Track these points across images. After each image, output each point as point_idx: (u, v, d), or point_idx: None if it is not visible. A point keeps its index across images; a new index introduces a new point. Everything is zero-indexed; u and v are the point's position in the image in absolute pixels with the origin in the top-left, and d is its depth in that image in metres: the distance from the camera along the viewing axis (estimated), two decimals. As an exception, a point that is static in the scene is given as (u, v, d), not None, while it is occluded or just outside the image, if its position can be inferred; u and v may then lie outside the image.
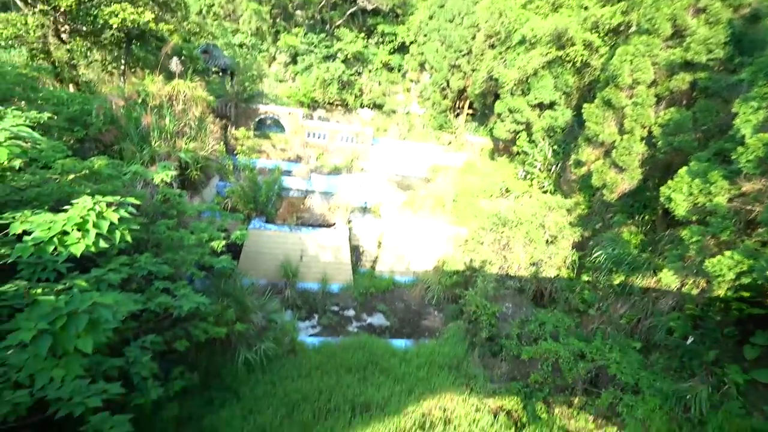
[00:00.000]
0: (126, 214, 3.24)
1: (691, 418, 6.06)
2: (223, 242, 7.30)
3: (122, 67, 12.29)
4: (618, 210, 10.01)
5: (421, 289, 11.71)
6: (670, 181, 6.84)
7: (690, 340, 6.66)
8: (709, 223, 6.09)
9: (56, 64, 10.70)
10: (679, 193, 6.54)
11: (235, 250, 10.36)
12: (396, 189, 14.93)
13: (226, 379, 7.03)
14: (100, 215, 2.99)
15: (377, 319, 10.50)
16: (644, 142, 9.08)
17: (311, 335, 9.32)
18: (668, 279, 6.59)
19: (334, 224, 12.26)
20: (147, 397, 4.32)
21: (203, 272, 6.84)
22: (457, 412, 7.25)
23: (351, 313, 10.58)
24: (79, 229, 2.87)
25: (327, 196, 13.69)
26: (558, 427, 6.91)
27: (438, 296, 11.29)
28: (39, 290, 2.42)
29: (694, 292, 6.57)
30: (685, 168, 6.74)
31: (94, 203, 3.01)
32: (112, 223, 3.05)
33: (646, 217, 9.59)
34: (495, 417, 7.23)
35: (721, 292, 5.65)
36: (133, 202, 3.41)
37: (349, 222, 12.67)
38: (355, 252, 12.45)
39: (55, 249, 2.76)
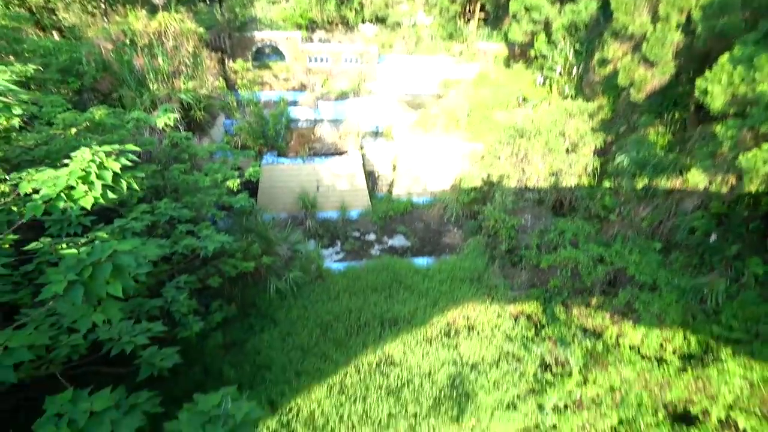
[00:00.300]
0: (128, 162, 3.24)
1: (706, 310, 6.25)
2: (238, 181, 7.39)
3: (103, 6, 11.49)
4: (645, 110, 9.32)
5: (439, 209, 11.79)
6: (707, 72, 6.19)
7: (713, 237, 6.59)
8: (749, 114, 5.61)
9: (33, 10, 10.08)
10: (717, 84, 5.95)
11: (251, 187, 10.51)
12: (406, 109, 14.29)
13: (261, 308, 7.62)
14: (101, 166, 3.00)
15: (398, 241, 10.81)
16: (680, 30, 8.06)
17: (336, 261, 9.76)
18: (696, 178, 6.32)
19: (347, 152, 12.08)
20: (190, 331, 4.76)
21: (224, 212, 7.05)
22: (479, 320, 7.73)
23: (372, 237, 10.90)
24: (84, 182, 2.91)
25: (336, 123, 13.31)
26: (576, 325, 7.30)
27: (456, 214, 11.38)
28: (64, 245, 2.55)
29: (723, 190, 6.32)
30: (726, 55, 6.03)
31: (93, 154, 3.00)
32: (115, 173, 3.07)
33: (676, 116, 8.92)
34: (516, 321, 7.68)
35: (752, 187, 5.40)
36: (133, 149, 3.38)
37: (362, 148, 12.44)
38: (371, 177, 12.42)
39: (65, 204, 2.84)
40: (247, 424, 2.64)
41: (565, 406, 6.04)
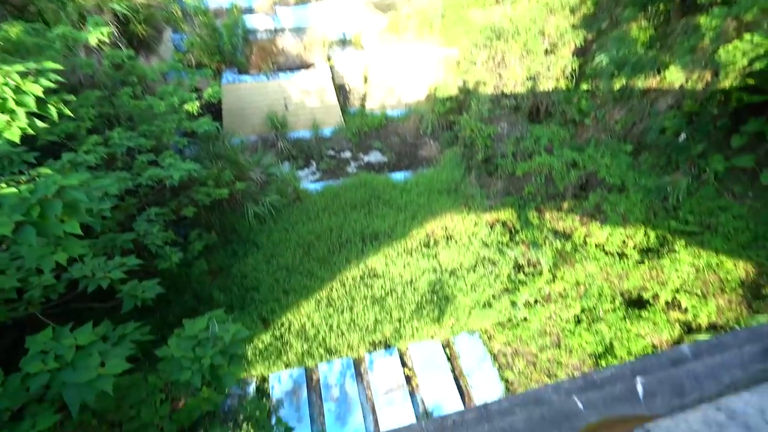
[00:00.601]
0: (50, 84, 2.84)
1: (667, 207, 6.63)
2: (197, 104, 6.84)
3: None
4: (629, 2, 8.69)
5: (415, 121, 11.43)
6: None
7: (682, 137, 6.71)
8: (735, 2, 5.30)
9: None
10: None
11: (214, 110, 9.81)
12: (375, 11, 12.94)
13: (242, 233, 7.64)
14: (18, 90, 2.63)
15: (374, 157, 10.63)
16: None
17: (312, 182, 9.63)
18: (673, 76, 6.18)
19: (313, 64, 11.16)
20: (170, 262, 4.76)
21: (187, 139, 6.64)
22: (457, 229, 8.03)
23: (347, 154, 10.66)
24: (2, 112, 2.57)
25: (299, 32, 12.04)
26: (548, 229, 7.69)
27: (432, 125, 11.09)
28: (3, 184, 2.34)
29: (699, 87, 6.24)
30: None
31: (4, 76, 2.60)
32: (38, 98, 2.71)
33: (661, 8, 8.38)
34: (492, 228, 8.01)
35: (727, 83, 5.35)
36: (54, 67, 2.95)
37: (329, 59, 11.49)
38: (342, 91, 11.71)
39: None
40: (236, 343, 2.77)
41: (535, 301, 6.63)
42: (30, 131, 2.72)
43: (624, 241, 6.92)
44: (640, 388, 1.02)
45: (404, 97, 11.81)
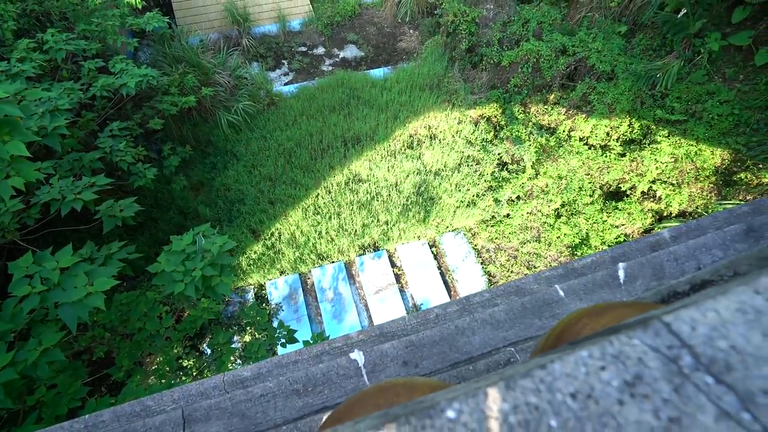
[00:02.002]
0: None
1: (654, 95, 6.43)
2: (139, -6, 5.90)
3: None
4: None
5: (392, 6, 10.25)
6: None
7: (682, 12, 6.17)
8: None
9: None
10: None
11: (162, 3, 8.56)
12: None
13: (219, 144, 7.29)
14: None
15: (350, 52, 9.75)
16: None
17: (285, 84, 8.94)
18: (681, -65, 5.42)
19: (271, -64, 9.47)
20: (145, 179, 4.57)
21: (137, 40, 5.84)
22: (441, 128, 7.80)
23: (321, 50, 9.73)
24: None
25: None
26: (533, 123, 7.52)
27: (411, 11, 9.99)
28: None
29: (707, -52, 5.54)
30: None
31: None
32: None
33: None
34: (476, 125, 7.81)
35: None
36: None
37: (289, -71, 9.73)
38: (308, -27, 10.19)
39: None
40: (224, 254, 2.80)
41: (518, 197, 6.79)
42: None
43: (608, 134, 6.86)
44: (621, 273, 1.05)
45: (380, -22, 10.39)
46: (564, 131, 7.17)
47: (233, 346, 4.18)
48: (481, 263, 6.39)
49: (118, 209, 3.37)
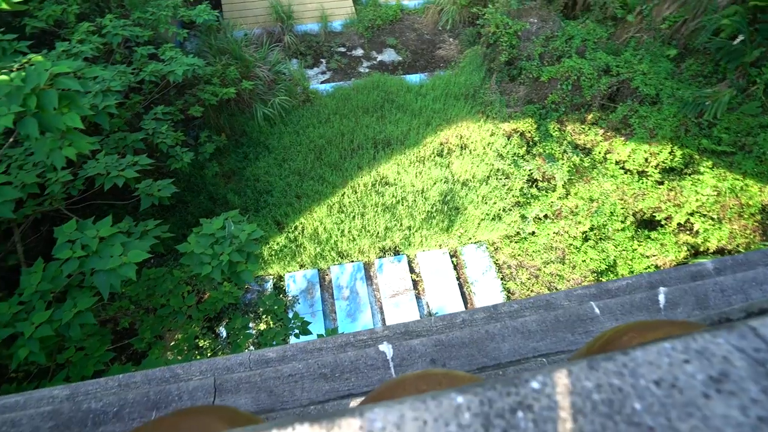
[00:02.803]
0: None
1: (701, 123, 6.18)
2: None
3: None
4: None
5: (434, 13, 10.28)
6: None
7: (738, 39, 5.92)
8: None
9: None
10: None
11: (213, -5, 8.90)
12: None
13: (252, 136, 7.48)
14: None
15: (388, 56, 9.83)
16: None
17: (322, 82, 9.09)
18: (744, -40, 5.21)
19: (322, -61, 9.70)
20: (182, 162, 4.74)
21: (186, 31, 6.10)
22: (472, 138, 7.75)
23: (359, 52, 9.86)
24: None
25: None
26: (568, 142, 7.37)
27: (453, 19, 9.99)
28: None
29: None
30: None
31: None
32: None
33: None
34: (509, 139, 7.71)
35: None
36: None
37: (341, -68, 9.94)
38: (355, -24, 10.37)
39: None
40: (251, 242, 2.87)
41: (545, 216, 6.66)
42: (5, 6, 2.47)
43: (647, 159, 6.64)
44: (661, 298, 1.02)
45: (425, -15, 10.45)
46: (600, 153, 6.99)
47: (248, 332, 4.26)
48: (501, 279, 6.28)
49: (156, 189, 3.51)
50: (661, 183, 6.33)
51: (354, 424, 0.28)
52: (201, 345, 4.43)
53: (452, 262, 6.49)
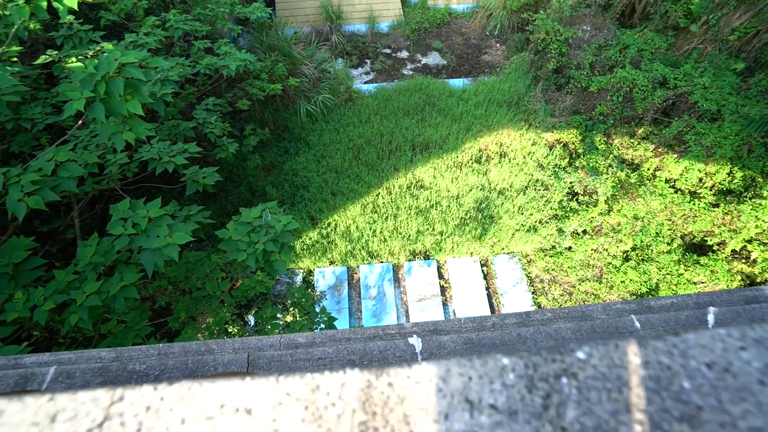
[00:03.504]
0: None
1: (767, 143, 5.72)
2: (250, -14, 6.41)
3: None
4: None
5: (482, 19, 10.16)
6: None
7: (816, 54, 5.43)
8: None
9: None
10: None
11: (267, -6, 9.24)
12: None
13: (294, 131, 7.70)
14: None
15: (432, 59, 9.81)
16: None
17: (365, 82, 9.21)
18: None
19: (376, -58, 9.84)
20: (227, 152, 4.96)
21: (240, 27, 6.38)
22: (513, 146, 7.58)
23: (404, 54, 9.91)
24: None
25: None
26: (614, 156, 7.04)
27: (501, 25, 9.83)
28: (73, 59, 2.41)
29: None
30: None
31: None
32: None
33: None
34: (551, 149, 7.47)
35: None
36: None
37: (394, -64, 10.04)
38: (405, -21, 10.44)
39: (50, 5, 2.56)
40: (286, 233, 2.95)
41: (584, 232, 6.39)
42: None
43: (701, 179, 6.23)
44: (711, 318, 0.95)
45: (475, -11, 10.35)
46: (649, 169, 6.63)
47: (276, 322, 4.37)
48: (533, 292, 6.09)
49: (202, 176, 3.69)
50: (716, 205, 5.91)
51: (402, 374, 0.30)
52: (230, 330, 4.60)
53: (483, 271, 6.37)
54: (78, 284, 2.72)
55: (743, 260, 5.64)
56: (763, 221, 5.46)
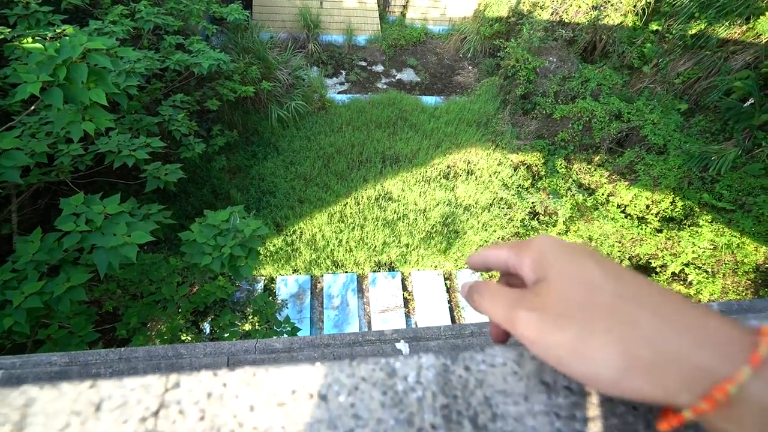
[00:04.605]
0: None
1: (704, 178, 6.28)
2: (228, -15, 6.30)
3: None
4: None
5: (457, 41, 10.54)
6: None
7: (749, 102, 6.08)
8: None
9: None
10: None
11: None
12: None
13: (264, 135, 7.54)
14: None
15: (407, 75, 10.02)
16: None
17: (340, 92, 9.23)
18: (763, 26, 5.40)
19: (357, -44, 10.02)
20: (192, 152, 4.77)
21: (215, 26, 6.22)
22: (480, 165, 7.83)
23: (380, 68, 10.05)
24: None
25: None
26: (573, 180, 7.45)
27: (474, 48, 10.24)
28: (29, 39, 2.24)
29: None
30: None
31: None
32: None
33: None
34: (515, 170, 7.79)
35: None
36: None
37: (375, -47, 10.26)
38: (383, -5, 10.66)
39: None
40: (255, 239, 2.86)
41: (543, 248, 6.66)
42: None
43: (648, 206, 6.72)
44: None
45: (450, 11, 10.75)
46: (603, 195, 7.07)
47: (234, 329, 4.20)
48: (500, 274, 6.24)
49: (164, 172, 3.51)
50: (660, 231, 6.39)
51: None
52: (183, 339, 4.36)
53: (446, 284, 6.46)
54: (16, 284, 2.48)
55: (681, 282, 6.10)
56: (699, 247, 5.96)
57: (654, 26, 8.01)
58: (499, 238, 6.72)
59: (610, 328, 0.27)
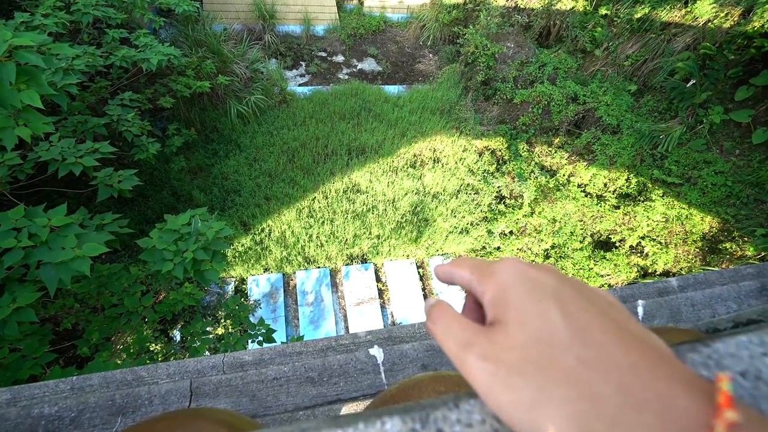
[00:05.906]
0: None
1: (655, 155, 6.65)
2: (173, -26, 5.93)
3: None
4: None
5: (416, 29, 10.51)
6: None
7: (690, 82, 6.46)
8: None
9: None
10: None
11: (192, -16, 8.61)
12: None
13: (224, 133, 7.26)
14: None
15: (368, 65, 9.91)
16: None
17: (300, 85, 9.01)
18: (701, 9, 5.73)
19: (309, -57, 9.71)
20: (147, 153, 4.50)
21: (162, 19, 5.86)
22: (445, 152, 7.90)
23: (340, 59, 9.87)
24: None
25: None
26: (535, 163, 7.68)
27: (434, 36, 10.25)
28: None
29: (725, 25, 5.85)
30: None
31: None
32: None
33: None
34: (480, 156, 7.93)
35: (756, 24, 5.01)
36: None
37: (328, -61, 9.99)
38: (339, -17, 10.43)
39: None
40: (219, 241, 2.75)
41: (511, 232, 6.86)
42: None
43: (605, 185, 7.04)
44: (640, 310, 1.06)
45: None
46: (564, 175, 7.33)
47: (207, 336, 4.06)
48: (466, 291, 6.37)
49: (117, 179, 3.30)
50: (618, 207, 6.72)
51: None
52: (152, 349, 4.17)
53: (419, 272, 6.53)
54: (-46, 308, 2.26)
55: (638, 254, 6.46)
56: (653, 220, 6.32)
57: (603, 11, 8.30)
58: (468, 224, 6.85)
59: (569, 399, 0.25)
